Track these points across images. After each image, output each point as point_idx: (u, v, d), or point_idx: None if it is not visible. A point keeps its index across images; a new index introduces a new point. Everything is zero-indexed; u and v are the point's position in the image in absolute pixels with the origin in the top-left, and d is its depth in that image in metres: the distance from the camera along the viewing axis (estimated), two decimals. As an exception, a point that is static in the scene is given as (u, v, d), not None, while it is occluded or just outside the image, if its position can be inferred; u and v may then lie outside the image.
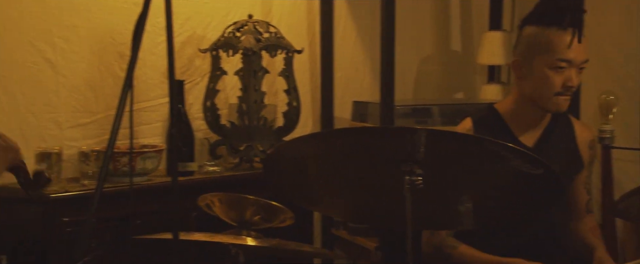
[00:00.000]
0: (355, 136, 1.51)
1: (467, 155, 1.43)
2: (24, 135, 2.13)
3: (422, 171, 1.40)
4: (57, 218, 1.95)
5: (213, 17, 2.54)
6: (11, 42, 2.07)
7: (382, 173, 1.49)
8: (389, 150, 1.43)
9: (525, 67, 1.78)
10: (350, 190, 1.60)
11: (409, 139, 1.39)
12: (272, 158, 1.60)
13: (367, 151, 1.47)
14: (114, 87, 2.34)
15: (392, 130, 1.67)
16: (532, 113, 1.82)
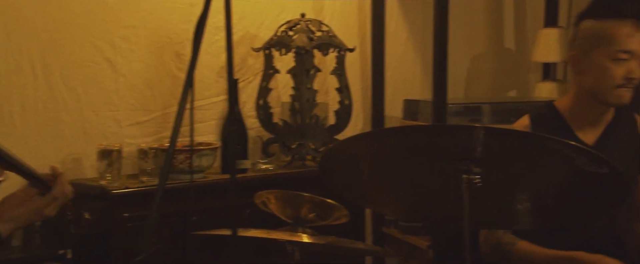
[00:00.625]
0: (412, 134, 1.51)
1: (526, 153, 1.41)
2: (86, 133, 2.20)
3: (480, 170, 1.39)
4: (118, 213, 2.01)
5: (266, 16, 2.57)
6: (75, 42, 2.14)
7: (438, 172, 1.48)
8: (446, 149, 1.42)
9: (584, 61, 1.75)
10: (406, 188, 1.60)
11: (467, 137, 1.38)
12: (328, 157, 1.61)
13: (423, 149, 1.47)
14: (170, 86, 2.39)
15: (450, 128, 1.65)
16: (593, 109, 1.78)
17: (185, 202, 2.08)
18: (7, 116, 2.02)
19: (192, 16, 2.41)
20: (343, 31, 2.62)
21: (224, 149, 2.36)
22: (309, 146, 2.49)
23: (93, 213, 2.05)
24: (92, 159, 2.19)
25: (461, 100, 2.77)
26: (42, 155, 2.10)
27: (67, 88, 2.14)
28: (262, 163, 2.45)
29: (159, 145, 2.25)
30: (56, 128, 2.12)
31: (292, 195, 1.77)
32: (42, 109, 2.09)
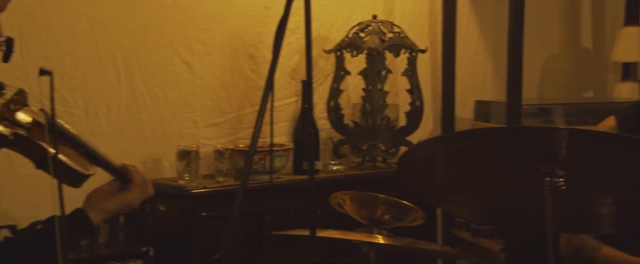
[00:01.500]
0: (493, 136, 1.49)
1: (612, 155, 1.38)
2: (165, 134, 2.27)
3: (563, 173, 1.36)
4: (196, 212, 2.07)
5: (337, 18, 2.59)
6: (155, 45, 2.22)
7: (518, 174, 1.46)
8: (528, 151, 1.40)
9: None
10: (484, 190, 1.58)
11: (551, 139, 1.35)
12: (405, 159, 1.61)
13: (504, 151, 1.45)
14: (244, 88, 2.44)
15: (533, 130, 1.62)
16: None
17: (259, 202, 2.11)
18: (93, 117, 2.11)
19: (266, 19, 2.47)
20: (413, 31, 2.61)
21: (296, 150, 2.39)
22: (379, 148, 2.50)
23: (172, 211, 2.12)
24: (170, 159, 2.26)
25: (535, 101, 2.71)
26: (125, 154, 2.18)
27: (148, 91, 2.22)
28: (333, 164, 2.47)
29: (233, 146, 2.30)
30: (138, 129, 2.20)
31: (368, 197, 1.78)
32: (125, 111, 2.18)
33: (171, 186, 2.13)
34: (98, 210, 1.33)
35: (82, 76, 2.08)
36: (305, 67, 2.53)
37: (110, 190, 1.37)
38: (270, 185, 1.90)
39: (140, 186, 1.38)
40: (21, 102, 1.19)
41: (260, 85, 2.48)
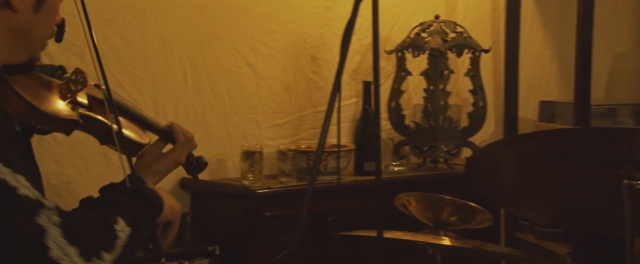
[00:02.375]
0: (566, 137, 1.46)
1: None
2: (229, 134, 2.31)
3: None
4: (259, 212, 2.09)
5: (398, 18, 2.58)
6: (220, 48, 2.26)
7: (592, 176, 1.42)
8: (604, 153, 1.37)
9: None
10: (554, 193, 1.55)
11: (628, 141, 1.31)
12: (473, 160, 1.60)
13: (577, 153, 1.41)
14: (305, 89, 2.46)
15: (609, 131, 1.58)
16: None
17: (321, 203, 2.12)
18: (161, 118, 2.16)
19: (327, 20, 2.49)
20: (476, 31, 2.57)
21: (357, 151, 2.39)
22: (441, 149, 2.47)
23: (236, 211, 2.16)
24: (234, 160, 2.30)
25: (603, 101, 2.64)
26: (192, 155, 2.22)
27: (213, 92, 2.26)
28: (394, 165, 2.46)
29: (295, 146, 2.32)
30: (203, 129, 2.25)
31: (434, 198, 1.77)
32: (192, 112, 2.22)
33: (236, 186, 2.17)
34: (152, 174, 1.34)
35: (152, 78, 2.14)
36: (365, 68, 2.55)
37: (157, 151, 1.37)
38: (337, 186, 1.90)
39: (185, 144, 1.39)
40: (81, 81, 1.20)
41: (321, 86, 2.49)
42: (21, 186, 0.93)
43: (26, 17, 1.05)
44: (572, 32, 2.37)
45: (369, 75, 2.55)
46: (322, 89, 2.49)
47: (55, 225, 0.92)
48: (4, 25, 1.03)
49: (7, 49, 1.06)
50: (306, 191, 1.47)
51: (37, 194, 0.94)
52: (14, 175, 0.92)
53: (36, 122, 1.11)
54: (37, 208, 0.92)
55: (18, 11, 1.03)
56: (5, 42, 1.04)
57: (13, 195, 0.92)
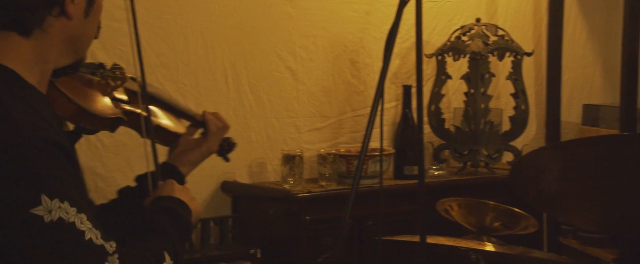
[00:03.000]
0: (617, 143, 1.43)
1: None
2: (269, 138, 2.33)
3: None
4: (300, 216, 2.10)
5: (438, 22, 2.56)
6: (261, 53, 2.28)
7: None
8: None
9: None
10: (603, 198, 1.52)
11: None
12: (518, 166, 1.58)
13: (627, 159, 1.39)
14: (345, 93, 2.47)
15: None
16: None
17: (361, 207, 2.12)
18: (203, 122, 2.20)
19: (367, 24, 2.49)
20: (517, 33, 2.55)
21: (397, 155, 2.38)
22: (482, 153, 2.45)
23: (277, 215, 2.17)
24: (274, 163, 2.32)
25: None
26: (233, 158, 2.22)
27: (254, 96, 2.29)
28: (433, 169, 2.44)
29: (335, 150, 2.32)
30: (244, 133, 2.27)
31: (477, 203, 1.75)
32: (233, 116, 2.25)
33: (276, 190, 2.18)
34: (187, 163, 1.36)
35: (194, 83, 2.17)
36: (405, 71, 2.55)
37: (190, 140, 1.39)
38: (380, 190, 1.90)
39: (217, 133, 1.40)
40: (120, 77, 1.22)
41: (360, 89, 2.49)
42: (87, 229, 0.92)
43: (78, 23, 1.07)
44: (618, 34, 2.33)
45: (409, 79, 2.54)
46: (362, 93, 2.49)
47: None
48: (59, 33, 1.05)
49: (59, 54, 1.08)
50: (348, 196, 1.48)
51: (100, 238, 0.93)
52: (79, 216, 0.91)
53: (84, 123, 1.14)
54: (103, 256, 0.92)
55: (73, 18, 1.06)
56: (58, 48, 1.06)
57: (81, 240, 0.90)
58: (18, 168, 0.90)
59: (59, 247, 0.89)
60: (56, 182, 0.91)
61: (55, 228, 0.89)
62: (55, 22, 1.04)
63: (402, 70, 2.54)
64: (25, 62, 1.03)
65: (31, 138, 0.92)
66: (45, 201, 0.89)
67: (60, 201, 0.90)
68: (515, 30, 2.57)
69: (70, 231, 0.90)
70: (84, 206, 0.94)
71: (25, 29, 1.02)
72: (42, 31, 1.03)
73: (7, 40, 1.02)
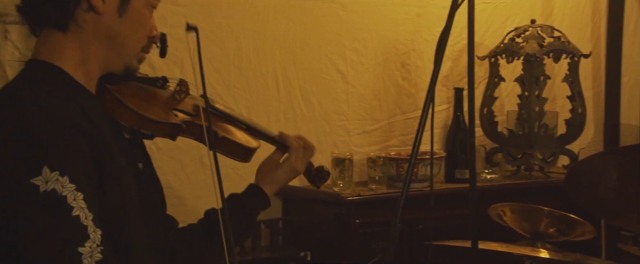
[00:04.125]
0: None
1: None
2: (319, 141, 2.33)
3: None
4: (350, 219, 2.10)
5: (491, 23, 2.52)
6: (312, 56, 2.29)
7: None
8: None
9: None
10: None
11: None
12: (574, 171, 1.54)
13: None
14: (395, 96, 2.45)
15: None
16: None
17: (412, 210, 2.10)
18: (254, 126, 2.22)
19: (418, 27, 2.47)
20: (574, 35, 2.48)
21: (448, 158, 2.35)
22: (536, 157, 2.39)
23: (327, 218, 2.17)
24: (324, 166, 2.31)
25: None
26: (283, 161, 2.26)
27: (304, 100, 2.30)
28: (486, 173, 2.40)
29: (385, 153, 2.31)
30: (294, 137, 2.28)
31: (531, 209, 1.71)
32: (283, 119, 2.26)
33: (326, 193, 2.18)
34: (270, 182, 1.39)
35: (246, 86, 2.20)
36: (457, 74, 2.51)
37: (275, 161, 1.41)
38: (430, 194, 1.88)
39: (299, 150, 1.42)
40: (184, 91, 1.26)
41: (411, 92, 2.48)
42: (78, 207, 0.96)
43: (111, 20, 1.11)
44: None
45: (461, 82, 2.50)
46: (412, 96, 2.48)
47: (95, 262, 0.95)
48: (91, 29, 1.10)
49: (101, 55, 1.12)
50: (399, 199, 1.47)
51: (91, 218, 0.96)
52: (75, 193, 0.96)
53: (142, 128, 1.17)
54: (84, 236, 0.95)
55: (101, 13, 1.10)
56: (96, 46, 1.11)
57: (67, 214, 0.95)
58: (30, 141, 0.97)
59: (46, 216, 0.95)
60: (62, 159, 0.97)
61: (46, 198, 0.95)
62: (88, 17, 1.09)
63: (454, 73, 2.51)
64: (71, 61, 1.09)
65: (50, 118, 0.99)
66: (45, 173, 0.95)
67: (59, 175, 0.95)
68: (572, 31, 2.50)
69: (60, 204, 0.95)
70: (85, 188, 0.98)
71: (60, 23, 1.08)
72: (77, 26, 1.08)
73: (50, 38, 1.08)
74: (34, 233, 0.95)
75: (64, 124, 1.00)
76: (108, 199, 1.03)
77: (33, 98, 1.02)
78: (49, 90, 1.05)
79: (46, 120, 0.99)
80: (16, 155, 0.96)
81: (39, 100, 1.02)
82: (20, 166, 0.96)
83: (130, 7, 1.13)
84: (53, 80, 1.07)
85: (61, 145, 0.98)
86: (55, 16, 1.08)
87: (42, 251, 0.94)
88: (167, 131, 1.21)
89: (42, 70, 1.08)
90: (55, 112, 1.01)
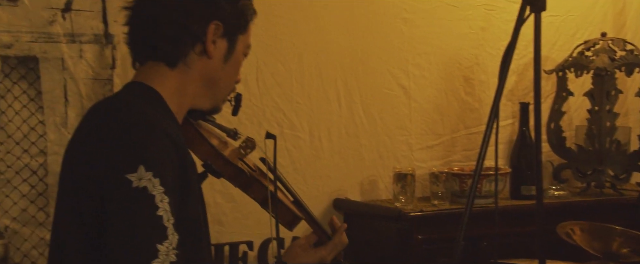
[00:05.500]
0: None
1: None
2: (381, 156, 2.32)
3: None
4: (412, 235, 2.08)
5: (559, 37, 2.46)
6: (374, 71, 2.29)
7: None
8: None
9: None
10: None
11: None
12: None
13: None
14: (458, 110, 2.42)
15: None
16: None
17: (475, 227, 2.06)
18: (316, 140, 2.24)
19: (482, 40, 2.43)
20: (647, 47, 2.38)
21: (513, 174, 2.30)
22: (607, 173, 2.31)
23: (388, 233, 2.15)
24: (386, 181, 2.31)
25: None
26: (345, 176, 2.27)
27: (366, 114, 2.30)
28: (553, 189, 2.33)
29: (448, 169, 2.28)
30: (356, 151, 2.28)
31: (602, 228, 1.65)
32: (344, 134, 2.27)
33: (388, 208, 2.17)
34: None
35: (307, 101, 2.22)
36: (522, 88, 2.46)
37: (307, 245, 1.44)
38: (495, 210, 1.84)
39: (338, 246, 1.43)
40: (250, 146, 1.32)
41: (474, 107, 2.44)
42: (162, 209, 1.00)
43: (217, 65, 1.17)
44: None
45: (526, 96, 2.45)
46: (476, 110, 2.44)
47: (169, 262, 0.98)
48: (199, 70, 1.17)
49: (196, 92, 1.18)
50: (462, 215, 1.44)
51: (171, 222, 1.01)
52: (163, 195, 1.01)
53: (215, 164, 1.22)
54: (163, 236, 0.99)
55: (212, 58, 1.15)
56: (196, 85, 1.17)
57: (152, 212, 0.99)
58: (131, 141, 1.03)
59: (133, 209, 1.00)
60: (157, 163, 1.02)
61: (137, 193, 1.00)
62: (198, 59, 1.15)
63: (519, 87, 2.46)
64: (169, 90, 1.15)
65: (152, 125, 1.06)
66: (140, 171, 1.00)
67: (153, 176, 1.01)
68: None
69: (148, 201, 1.00)
70: (172, 193, 1.03)
71: (172, 60, 1.15)
72: (185, 66, 1.15)
73: (156, 68, 1.15)
74: (120, 222, 1.00)
75: (161, 132, 1.06)
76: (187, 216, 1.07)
77: (135, 105, 1.09)
78: (149, 105, 1.12)
79: (146, 125, 1.05)
80: (116, 152, 1.03)
81: (140, 107, 1.09)
82: (118, 161, 1.02)
83: (234, 55, 1.19)
84: (151, 99, 1.14)
85: (157, 150, 1.04)
86: (170, 55, 1.14)
87: (124, 240, 0.99)
88: (233, 173, 1.27)
89: (142, 90, 1.15)
90: (154, 120, 1.07)
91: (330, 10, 2.21)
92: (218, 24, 1.15)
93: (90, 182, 1.03)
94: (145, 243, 0.98)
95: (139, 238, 0.99)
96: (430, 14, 2.34)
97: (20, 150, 1.76)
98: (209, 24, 1.14)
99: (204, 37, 1.14)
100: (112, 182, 1.01)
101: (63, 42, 1.76)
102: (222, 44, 1.16)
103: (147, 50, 1.15)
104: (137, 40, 1.17)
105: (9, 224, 1.73)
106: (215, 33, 1.15)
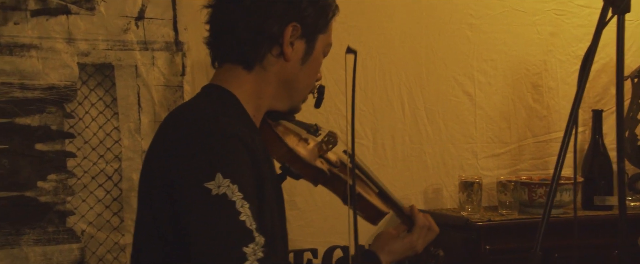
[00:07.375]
0: None
1: None
2: (445, 164, 2.28)
3: None
4: (480, 245, 2.02)
5: (634, 41, 2.37)
6: (438, 78, 2.25)
7: None
8: None
9: None
10: None
11: None
12: None
13: None
14: (526, 118, 2.35)
15: None
16: None
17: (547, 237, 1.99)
18: (380, 148, 2.21)
19: (552, 46, 2.36)
20: None
21: (586, 184, 2.21)
22: (687, 184, 2.19)
23: (455, 243, 2.10)
24: (450, 190, 2.26)
25: None
26: (407, 184, 2.24)
27: (430, 122, 2.26)
28: (629, 200, 2.24)
29: (515, 177, 2.21)
30: (419, 159, 2.25)
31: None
32: (408, 142, 2.23)
33: (454, 217, 2.12)
34: (387, 252, 1.38)
35: (371, 109, 2.19)
36: (594, 95, 2.37)
37: (396, 233, 1.41)
38: (574, 220, 1.78)
39: (423, 229, 1.40)
40: (332, 142, 1.29)
41: (543, 114, 2.36)
42: (244, 213, 1.00)
43: (294, 67, 1.16)
44: None
45: (598, 103, 2.36)
46: (544, 118, 2.36)
47: (257, 260, 0.98)
48: (276, 73, 1.16)
49: (274, 94, 1.18)
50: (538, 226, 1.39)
51: (255, 226, 1.00)
52: (242, 201, 1.00)
53: (292, 166, 1.21)
54: (248, 238, 0.99)
55: (290, 60, 1.13)
56: (274, 87, 1.16)
57: (235, 218, 0.99)
58: (206, 149, 1.03)
59: (215, 216, 1.00)
60: (233, 168, 1.02)
61: (217, 200, 1.00)
62: (275, 62, 1.14)
63: (591, 94, 2.37)
64: (245, 93, 1.15)
65: (225, 132, 1.05)
66: (218, 178, 1.00)
67: (231, 182, 1.00)
68: None
69: (229, 208, 0.99)
70: (251, 199, 1.02)
71: (249, 63, 1.14)
72: (262, 68, 1.14)
73: (233, 71, 1.14)
74: (204, 231, 0.99)
75: (236, 139, 1.05)
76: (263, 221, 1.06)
77: (212, 112, 1.09)
78: (224, 110, 1.11)
79: (223, 133, 1.05)
80: (193, 160, 1.03)
81: (217, 115, 1.08)
82: (196, 170, 1.02)
83: (312, 56, 1.17)
84: (228, 103, 1.13)
85: (234, 157, 1.04)
86: (247, 57, 1.14)
87: (210, 248, 0.99)
88: (312, 174, 1.24)
89: (218, 93, 1.14)
90: (231, 128, 1.06)
91: (395, 15, 2.18)
92: (296, 26, 1.13)
93: (167, 192, 1.03)
94: (231, 248, 0.98)
95: (224, 245, 0.98)
96: (497, 19, 2.28)
97: (96, 156, 1.80)
98: (286, 26, 1.12)
99: (281, 39, 1.13)
100: (192, 192, 1.01)
101: (136, 49, 1.80)
102: (300, 46, 1.15)
103: (225, 53, 1.14)
104: (215, 42, 1.16)
105: (85, 228, 1.77)
106: (292, 35, 1.13)
